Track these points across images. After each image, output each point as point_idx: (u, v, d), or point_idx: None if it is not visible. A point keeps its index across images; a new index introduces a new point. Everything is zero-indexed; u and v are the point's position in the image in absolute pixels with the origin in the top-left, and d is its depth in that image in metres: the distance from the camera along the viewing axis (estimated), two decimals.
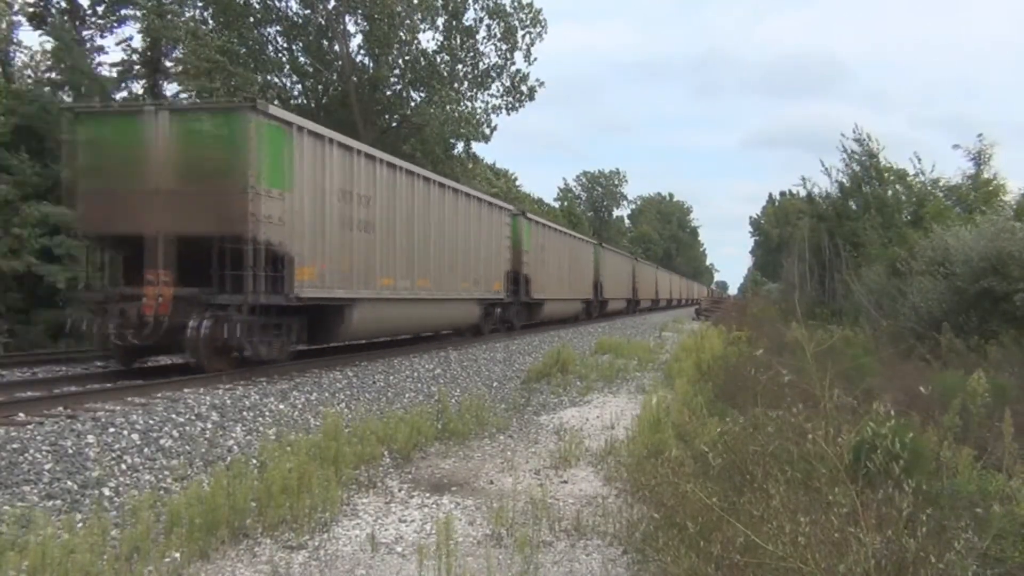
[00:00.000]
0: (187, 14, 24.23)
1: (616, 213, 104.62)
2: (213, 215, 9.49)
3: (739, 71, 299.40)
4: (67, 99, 18.06)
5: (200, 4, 27.55)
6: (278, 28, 30.71)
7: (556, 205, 73.45)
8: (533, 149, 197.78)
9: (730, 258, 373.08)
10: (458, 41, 30.65)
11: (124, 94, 22.54)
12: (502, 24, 30.98)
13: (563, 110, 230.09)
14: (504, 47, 31.51)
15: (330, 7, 29.54)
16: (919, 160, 27.91)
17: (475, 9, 30.58)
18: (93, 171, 10.14)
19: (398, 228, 13.36)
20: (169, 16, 21.23)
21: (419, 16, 29.11)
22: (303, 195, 10.39)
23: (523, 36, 31.60)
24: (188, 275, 9.78)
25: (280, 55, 31.29)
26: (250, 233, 9.37)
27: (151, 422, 7.38)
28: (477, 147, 36.30)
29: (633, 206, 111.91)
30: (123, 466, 6.36)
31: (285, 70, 31.71)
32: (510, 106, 32.62)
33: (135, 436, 6.96)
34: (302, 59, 31.11)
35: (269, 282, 9.83)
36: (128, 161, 9.78)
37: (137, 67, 22.33)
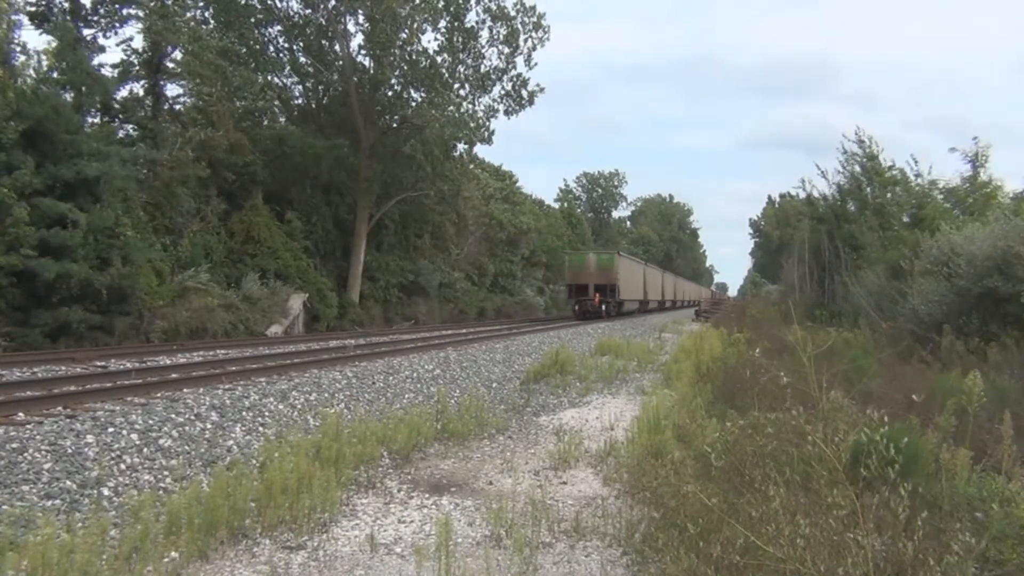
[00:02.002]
0: (187, 14, 24.24)
1: (616, 214, 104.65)
2: (605, 278, 37.28)
3: (735, 72, 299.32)
4: (68, 98, 18.05)
5: (201, 4, 27.55)
6: (279, 28, 30.71)
7: (556, 206, 73.48)
8: (533, 150, 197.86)
9: (730, 259, 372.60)
10: (459, 42, 30.63)
11: (125, 94, 22.59)
12: (505, 27, 30.99)
13: (563, 111, 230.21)
14: (506, 50, 31.55)
15: (331, 7, 29.52)
16: (915, 162, 27.98)
17: (477, 11, 30.62)
18: (572, 268, 38.66)
19: (634, 277, 42.91)
20: (171, 16, 21.23)
21: (421, 18, 29.08)
22: (621, 273, 38.48)
23: (525, 40, 31.66)
24: (600, 293, 36.95)
25: (281, 55, 31.29)
26: (618, 283, 37.59)
27: (150, 422, 7.38)
28: (478, 148, 36.41)
29: (633, 207, 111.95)
30: (122, 466, 6.36)
31: (286, 70, 31.73)
32: (509, 109, 32.67)
33: (134, 436, 6.97)
34: (303, 59, 31.10)
35: (617, 295, 37.82)
36: (584, 266, 37.97)
37: (136, 67, 22.36)
